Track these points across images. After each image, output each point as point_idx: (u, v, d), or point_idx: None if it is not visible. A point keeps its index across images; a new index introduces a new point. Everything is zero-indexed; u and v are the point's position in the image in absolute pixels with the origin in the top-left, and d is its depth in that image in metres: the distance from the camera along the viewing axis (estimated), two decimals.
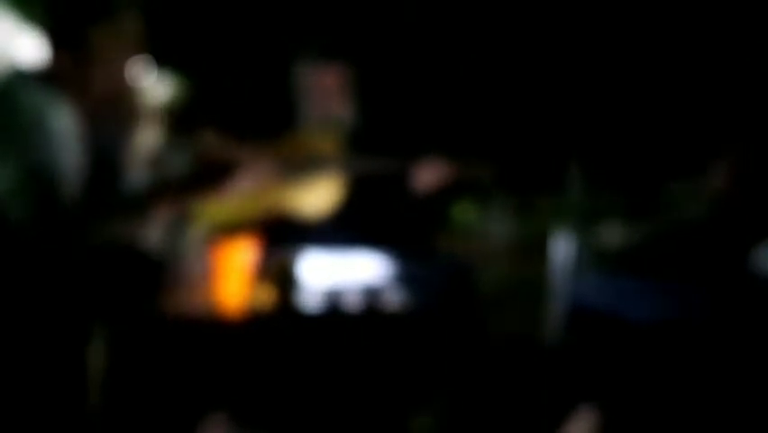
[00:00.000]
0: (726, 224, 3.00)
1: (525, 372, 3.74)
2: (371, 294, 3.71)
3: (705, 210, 3.15)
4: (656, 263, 3.34)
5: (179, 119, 4.21)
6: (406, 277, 3.81)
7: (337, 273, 3.75)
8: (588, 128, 4.23)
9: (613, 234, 4.16)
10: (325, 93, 4.24)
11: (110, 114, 3.31)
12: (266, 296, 3.63)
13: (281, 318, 3.61)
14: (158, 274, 3.35)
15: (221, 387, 3.41)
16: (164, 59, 4.27)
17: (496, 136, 4.41)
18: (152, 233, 3.52)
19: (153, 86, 4.18)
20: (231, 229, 3.79)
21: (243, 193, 3.88)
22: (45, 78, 3.13)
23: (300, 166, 4.03)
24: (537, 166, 4.32)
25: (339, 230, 3.94)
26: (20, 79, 3.13)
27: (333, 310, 3.67)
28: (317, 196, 4.01)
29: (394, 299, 3.75)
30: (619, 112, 4.19)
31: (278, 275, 3.66)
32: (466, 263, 4.02)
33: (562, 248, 3.93)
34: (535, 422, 3.60)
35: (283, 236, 3.85)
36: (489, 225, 4.69)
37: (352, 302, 3.71)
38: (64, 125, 3.06)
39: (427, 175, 4.06)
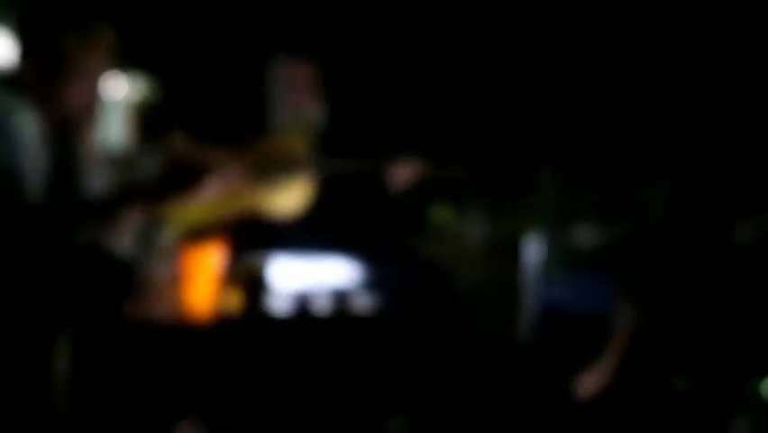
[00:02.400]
0: (695, 223, 3.00)
1: (499, 371, 3.73)
2: (341, 298, 3.69)
3: (674, 210, 3.15)
4: (628, 263, 3.33)
5: (150, 121, 4.20)
6: (377, 280, 3.79)
7: (307, 277, 3.74)
8: (561, 129, 4.22)
9: (586, 235, 4.16)
10: (297, 93, 4.22)
11: (79, 120, 3.30)
12: (235, 300, 3.62)
13: (250, 323, 3.59)
14: (125, 278, 3.33)
15: (190, 392, 3.39)
16: (135, 61, 4.25)
17: (470, 137, 4.40)
18: (121, 236, 3.51)
19: (124, 87, 4.17)
20: (200, 233, 3.77)
21: (213, 196, 3.87)
22: (13, 83, 3.11)
23: (271, 168, 4.01)
24: (511, 167, 4.31)
25: (310, 233, 3.92)
26: None
27: (303, 314, 3.65)
28: (289, 198, 3.99)
29: (364, 303, 3.74)
30: (592, 112, 4.19)
31: (247, 279, 3.65)
32: (440, 265, 4.00)
33: (535, 249, 3.92)
34: (510, 421, 3.60)
35: (252, 240, 3.84)
36: (464, 227, 4.68)
37: (322, 306, 3.69)
38: (27, 130, 3.04)
39: (401, 175, 4.04)
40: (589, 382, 3.10)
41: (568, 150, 4.16)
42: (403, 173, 4.02)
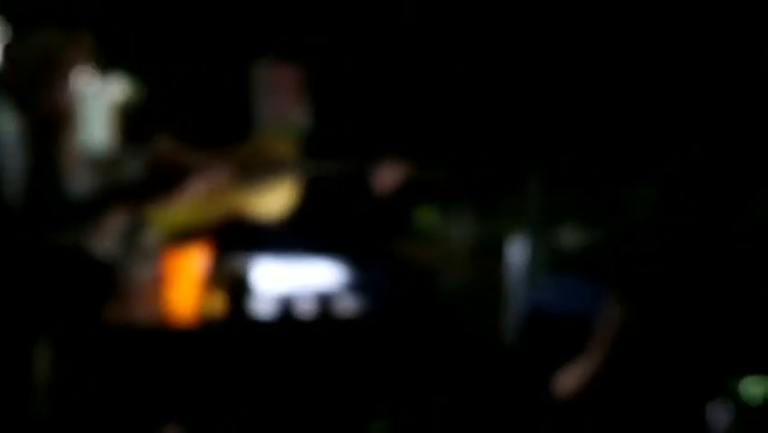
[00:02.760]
0: (676, 226, 3.00)
1: (483, 373, 3.71)
2: (325, 300, 3.67)
3: (657, 213, 3.15)
4: (611, 265, 3.32)
5: (134, 122, 4.17)
6: (361, 282, 3.77)
7: (290, 280, 3.72)
8: (546, 132, 4.21)
9: (571, 237, 4.15)
10: (282, 95, 4.20)
11: (60, 121, 3.28)
12: (218, 303, 3.60)
13: (233, 325, 3.57)
14: (107, 281, 3.31)
15: (173, 396, 3.37)
16: (119, 62, 4.23)
17: (455, 139, 4.39)
18: (104, 238, 3.49)
19: (108, 88, 4.14)
20: (184, 235, 3.74)
21: (197, 198, 3.85)
22: None
23: (256, 170, 3.99)
24: (496, 169, 4.29)
25: (294, 235, 3.90)
26: None
27: (286, 317, 3.63)
28: (273, 200, 3.97)
29: (348, 305, 3.72)
30: (576, 115, 4.18)
31: (231, 282, 3.62)
32: (424, 268, 3.98)
33: (519, 251, 3.91)
34: (495, 423, 3.58)
35: (236, 242, 3.81)
36: (450, 229, 4.67)
37: (306, 309, 3.67)
38: (6, 129, 3.02)
39: (386, 178, 4.02)
40: (569, 379, 3.08)
41: (553, 152, 4.14)
42: (388, 176, 4.01)
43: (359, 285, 3.77)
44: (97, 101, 4.09)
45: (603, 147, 4.11)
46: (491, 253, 4.21)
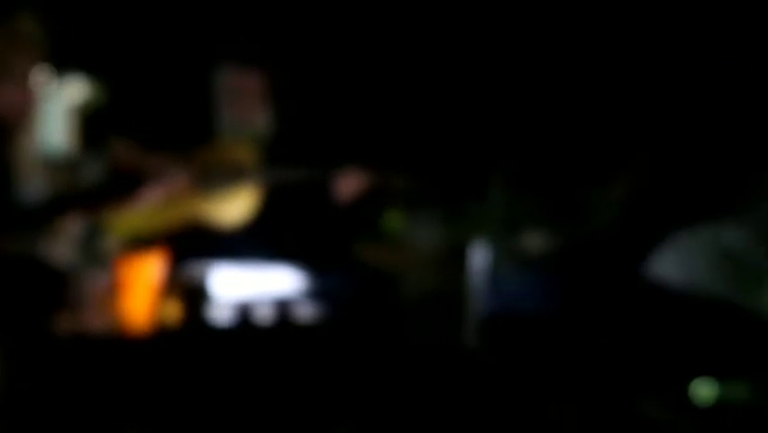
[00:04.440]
0: (628, 230, 3.00)
1: (443, 380, 3.69)
2: (283, 307, 3.64)
3: (613, 217, 3.14)
4: (573, 268, 3.32)
5: (93, 125, 4.12)
6: (321, 289, 3.74)
7: (249, 286, 3.68)
8: (509, 135, 4.19)
9: (534, 241, 4.13)
10: (244, 100, 4.17)
11: (12, 123, 3.24)
12: (174, 311, 3.56)
13: (190, 333, 3.53)
14: (60, 289, 3.27)
15: (127, 406, 3.33)
16: (79, 62, 4.18)
17: (418, 145, 4.36)
18: (59, 244, 3.45)
19: (66, 90, 4.09)
20: (140, 242, 3.70)
21: (155, 204, 3.81)
22: None
23: (216, 177, 3.96)
24: (461, 174, 4.27)
25: (254, 242, 3.87)
26: None
27: (244, 324, 3.59)
28: (233, 207, 3.92)
29: (306, 312, 3.69)
30: (538, 119, 4.16)
31: (188, 289, 3.58)
32: (384, 274, 3.95)
33: (482, 255, 3.89)
34: (455, 429, 3.56)
35: (194, 249, 3.77)
36: (416, 234, 4.64)
37: (263, 315, 3.64)
38: None
39: (348, 185, 3.99)
40: None
41: (517, 156, 4.12)
42: (350, 183, 3.97)
43: (318, 291, 3.74)
44: (56, 103, 4.04)
45: (566, 151, 4.09)
46: (457, 258, 4.18)
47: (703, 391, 2.74)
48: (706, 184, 2.89)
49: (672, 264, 2.84)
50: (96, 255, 3.60)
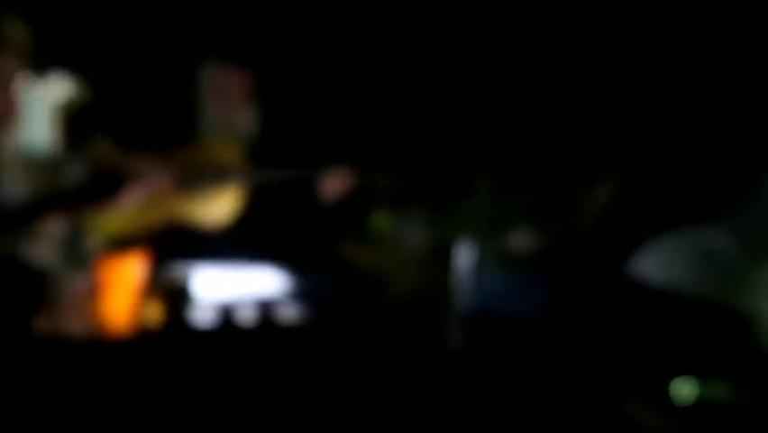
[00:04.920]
0: (611, 230, 2.98)
1: (428, 380, 3.66)
2: (266, 308, 3.61)
3: (597, 217, 3.12)
4: (557, 267, 3.30)
5: (76, 124, 4.08)
6: (304, 290, 3.71)
7: (231, 287, 3.65)
8: (495, 135, 4.16)
9: (520, 240, 4.10)
10: (228, 99, 4.13)
11: None
12: (155, 312, 3.52)
13: (170, 335, 3.50)
14: (40, 290, 3.24)
15: (107, 410, 3.30)
16: (61, 61, 4.14)
17: (404, 144, 4.33)
18: (41, 245, 3.41)
19: (49, 88, 4.06)
20: (121, 243, 3.67)
21: (136, 204, 3.78)
22: None
23: (199, 176, 3.92)
24: (447, 173, 4.24)
25: (237, 243, 3.83)
26: None
27: (226, 325, 3.56)
28: (216, 208, 3.89)
29: (290, 313, 3.65)
30: (525, 118, 4.14)
31: (169, 290, 3.55)
32: (369, 274, 3.91)
33: (467, 255, 3.86)
34: (439, 429, 3.54)
35: (176, 250, 3.74)
36: (403, 233, 4.61)
37: (246, 317, 3.60)
38: None
39: (333, 184, 3.95)
40: None
41: (502, 155, 4.10)
42: (335, 183, 3.94)
43: (302, 292, 3.70)
44: (39, 101, 4.00)
45: (552, 150, 4.07)
46: (441, 257, 4.15)
47: (683, 390, 2.75)
48: (689, 185, 2.87)
49: (654, 265, 2.83)
50: (78, 256, 3.57)
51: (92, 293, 3.43)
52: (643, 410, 2.81)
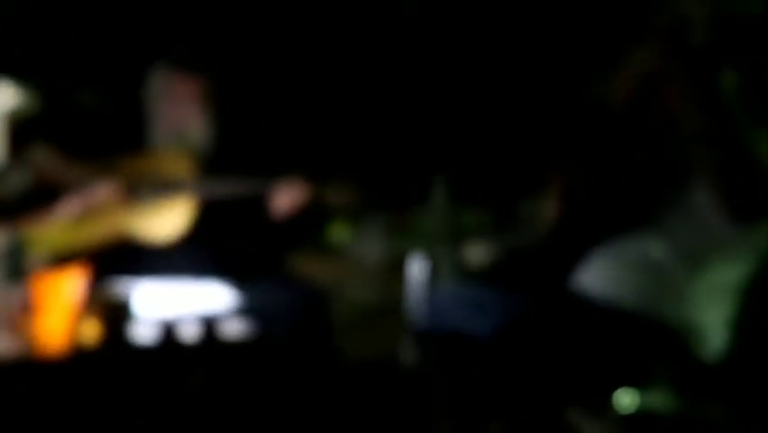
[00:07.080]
0: (557, 242, 2.90)
1: (378, 397, 3.55)
2: (210, 324, 3.49)
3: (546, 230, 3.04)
4: (511, 279, 3.21)
5: (20, 132, 3.97)
6: (249, 305, 3.59)
7: (174, 303, 3.53)
8: (452, 147, 4.07)
9: (476, 252, 4.01)
10: (179, 107, 4.00)
11: None
12: (93, 330, 3.40)
13: (109, 354, 3.38)
14: None
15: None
16: (7, 68, 4.04)
17: (358, 156, 4.23)
18: None
19: None
20: (60, 258, 3.55)
21: (75, 217, 3.66)
22: None
23: (146, 188, 3.80)
24: (404, 186, 4.14)
25: (181, 257, 3.71)
26: None
27: (168, 342, 3.44)
28: (164, 222, 3.76)
29: (234, 329, 3.54)
30: (480, 131, 4.06)
31: (108, 307, 3.43)
32: (317, 288, 3.79)
33: (421, 267, 3.76)
34: None
35: (118, 265, 3.62)
36: (359, 246, 4.51)
37: (189, 333, 3.49)
38: None
39: (286, 197, 3.82)
40: None
41: (459, 166, 4.00)
42: (288, 196, 3.81)
43: (247, 308, 3.59)
44: None
45: (507, 160, 3.98)
46: (396, 270, 4.05)
47: (626, 399, 2.71)
48: (631, 198, 2.81)
49: (597, 278, 2.76)
50: (18, 271, 3.46)
51: (26, 311, 3.31)
52: (585, 421, 2.76)
